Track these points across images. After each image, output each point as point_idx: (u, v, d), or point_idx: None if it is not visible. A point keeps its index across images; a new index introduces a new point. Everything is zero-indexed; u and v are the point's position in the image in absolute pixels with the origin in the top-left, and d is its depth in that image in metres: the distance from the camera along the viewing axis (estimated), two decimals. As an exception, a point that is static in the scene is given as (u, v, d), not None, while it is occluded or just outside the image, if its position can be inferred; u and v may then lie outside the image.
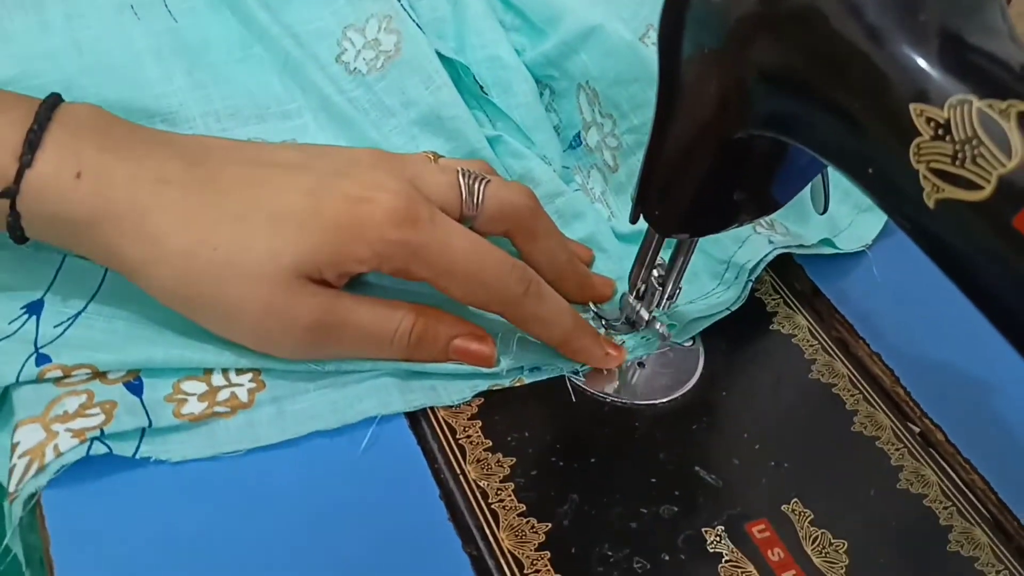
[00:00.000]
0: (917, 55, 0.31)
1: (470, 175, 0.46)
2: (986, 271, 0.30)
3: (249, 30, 0.57)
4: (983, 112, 0.29)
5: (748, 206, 0.43)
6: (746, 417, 0.48)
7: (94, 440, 0.39)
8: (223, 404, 0.43)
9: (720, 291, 0.53)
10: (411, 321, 0.44)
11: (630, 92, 0.55)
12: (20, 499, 0.37)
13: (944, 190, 0.30)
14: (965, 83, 0.30)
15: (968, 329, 0.32)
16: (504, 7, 0.60)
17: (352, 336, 0.43)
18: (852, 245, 0.57)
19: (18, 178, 0.38)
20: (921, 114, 0.30)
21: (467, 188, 0.45)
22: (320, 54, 0.57)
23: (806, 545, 0.43)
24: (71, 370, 0.41)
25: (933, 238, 0.31)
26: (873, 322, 0.53)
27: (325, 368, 0.44)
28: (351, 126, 0.55)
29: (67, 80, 0.50)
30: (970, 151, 0.29)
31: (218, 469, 0.41)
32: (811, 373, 0.50)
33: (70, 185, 0.38)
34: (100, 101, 0.43)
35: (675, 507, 0.43)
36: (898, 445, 0.47)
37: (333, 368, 0.45)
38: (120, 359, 0.42)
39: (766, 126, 0.36)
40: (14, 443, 0.39)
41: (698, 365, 0.50)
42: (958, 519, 0.45)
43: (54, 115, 0.39)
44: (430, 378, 0.46)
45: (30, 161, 0.38)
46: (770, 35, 0.34)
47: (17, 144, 0.38)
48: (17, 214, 0.38)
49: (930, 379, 0.50)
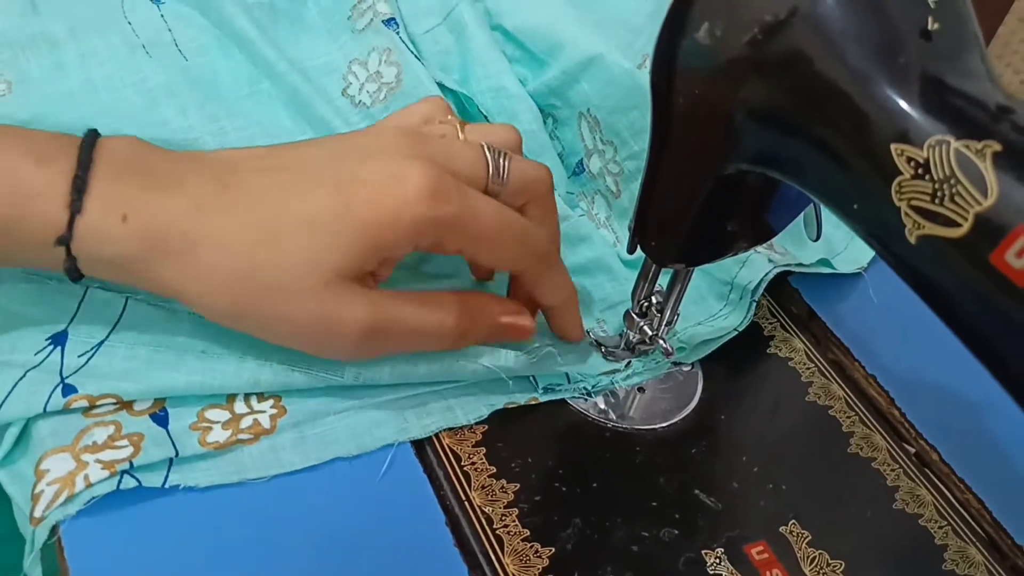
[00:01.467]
0: (898, 97, 0.32)
1: (495, 151, 0.46)
2: (966, 305, 0.31)
3: (257, 66, 0.58)
4: (960, 152, 0.30)
5: (742, 236, 0.44)
6: (744, 440, 0.49)
7: (124, 473, 0.41)
8: (246, 431, 0.44)
9: (726, 312, 0.54)
10: (456, 312, 0.45)
11: (630, 119, 0.57)
12: (46, 525, 0.39)
13: (925, 227, 0.31)
14: (943, 124, 0.31)
15: (961, 350, 0.33)
16: (505, 39, 0.62)
17: (401, 333, 0.44)
18: (848, 267, 0.58)
19: (70, 225, 0.39)
20: (902, 154, 0.31)
21: (493, 163, 0.46)
22: (327, 88, 0.59)
23: (804, 566, 0.44)
24: (96, 400, 0.43)
25: (916, 272, 0.32)
26: (869, 344, 0.54)
27: (344, 376, 0.46)
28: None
29: (86, 119, 0.52)
30: (948, 190, 0.30)
31: (237, 496, 0.42)
32: (808, 396, 0.51)
33: (118, 228, 0.40)
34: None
35: (675, 530, 0.44)
36: (894, 466, 0.48)
37: (352, 378, 0.46)
38: (142, 388, 0.43)
39: (755, 163, 0.37)
40: (42, 470, 0.40)
41: (697, 389, 0.51)
42: (953, 538, 0.46)
43: (95, 156, 0.40)
44: (446, 398, 0.47)
45: (80, 208, 0.39)
46: (758, 77, 0.35)
47: (65, 192, 0.39)
48: (73, 258, 0.40)
49: (925, 400, 0.51)
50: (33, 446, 0.42)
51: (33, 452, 0.41)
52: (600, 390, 0.50)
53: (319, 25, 0.61)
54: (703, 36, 0.36)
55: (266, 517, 0.42)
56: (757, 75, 0.35)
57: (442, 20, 0.62)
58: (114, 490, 0.40)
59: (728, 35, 0.35)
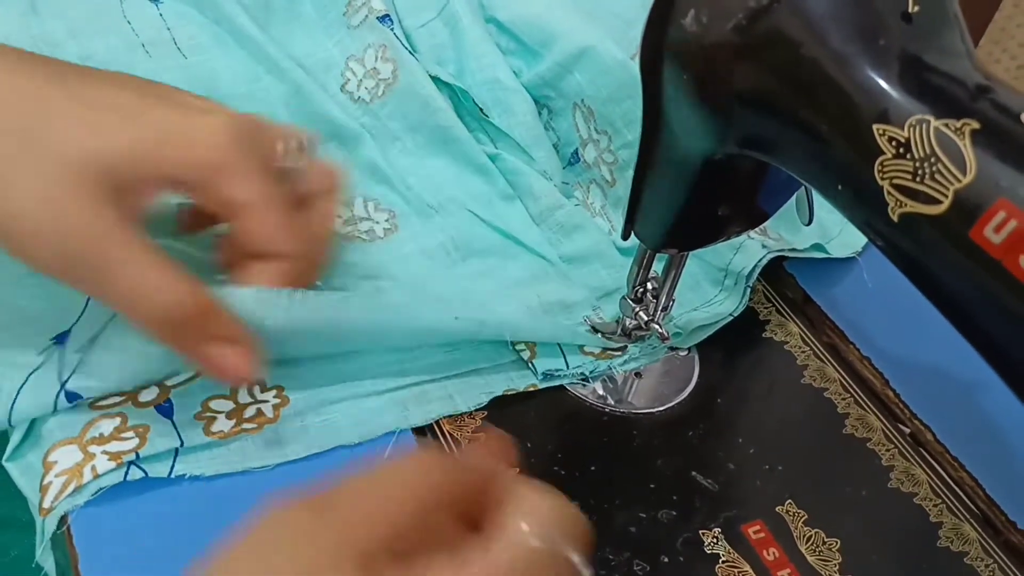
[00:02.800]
0: (879, 78, 0.32)
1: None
2: (949, 281, 0.32)
3: (258, 62, 0.59)
4: (940, 131, 0.31)
5: (735, 220, 0.44)
6: (741, 423, 0.50)
7: (130, 464, 0.42)
8: (250, 421, 0.45)
9: (722, 298, 0.55)
10: (187, 298, 0.39)
11: (623, 109, 0.57)
12: (55, 515, 0.40)
13: (907, 205, 0.31)
14: (923, 103, 0.31)
15: (954, 332, 0.34)
16: (499, 31, 0.63)
17: (113, 281, 0.38)
18: (842, 252, 0.58)
19: None
20: (884, 133, 0.32)
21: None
22: (327, 84, 0.59)
23: (800, 544, 0.44)
24: (99, 400, 0.43)
25: (899, 250, 0.33)
26: (863, 327, 0.54)
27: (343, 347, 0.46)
28: (358, 146, 0.57)
29: None
30: (928, 168, 0.31)
31: (241, 485, 0.43)
32: (803, 378, 0.52)
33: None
34: None
35: (673, 511, 0.45)
36: (889, 446, 0.49)
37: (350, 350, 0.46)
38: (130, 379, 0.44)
39: (743, 146, 0.38)
40: (50, 461, 0.41)
41: (694, 374, 0.52)
42: (948, 515, 0.46)
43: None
44: (446, 387, 0.48)
45: None
46: (743, 61, 0.35)
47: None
48: None
49: (919, 381, 0.52)
50: (41, 439, 0.42)
51: (41, 445, 0.42)
52: (598, 375, 0.51)
53: (314, 21, 0.62)
54: (689, 23, 0.36)
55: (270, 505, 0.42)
56: (743, 60, 0.35)
57: (437, 14, 0.63)
58: (121, 481, 0.41)
59: (714, 21, 0.36)
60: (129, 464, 0.42)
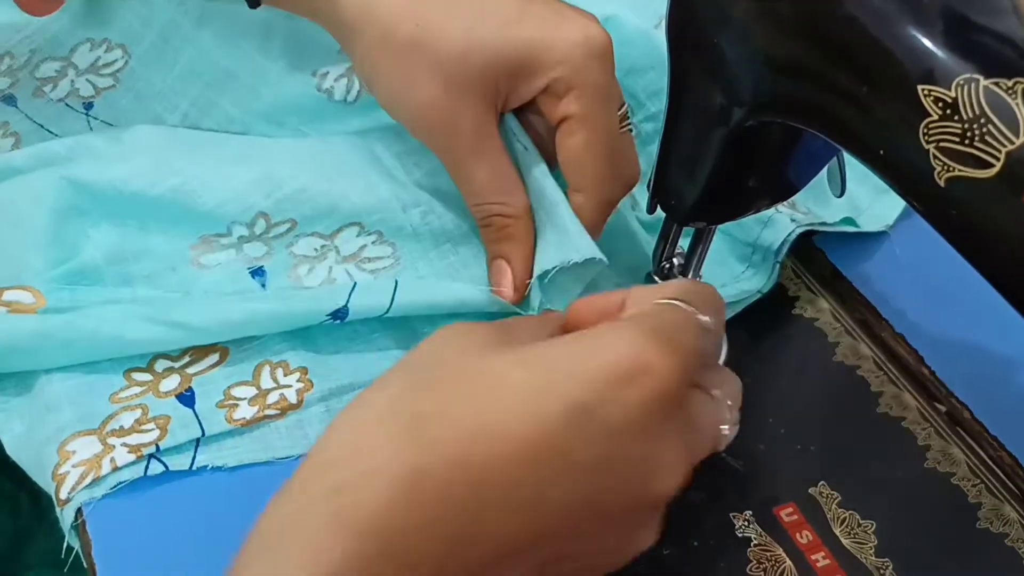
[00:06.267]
0: (923, 36, 0.31)
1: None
2: (997, 247, 0.30)
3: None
4: (990, 90, 0.29)
5: (763, 192, 0.43)
6: (771, 402, 0.48)
7: (151, 457, 0.41)
8: (273, 407, 0.44)
9: (749, 274, 0.53)
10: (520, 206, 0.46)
11: (646, 80, 0.56)
12: (72, 506, 0.39)
13: (954, 169, 0.30)
14: (971, 62, 0.30)
15: (991, 306, 0.32)
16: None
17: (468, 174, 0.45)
18: (874, 226, 0.57)
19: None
20: (929, 94, 0.30)
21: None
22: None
23: (834, 527, 0.43)
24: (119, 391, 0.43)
25: (945, 217, 0.31)
26: (896, 303, 0.53)
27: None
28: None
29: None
30: (978, 129, 0.29)
31: (265, 475, 0.42)
32: (835, 356, 0.51)
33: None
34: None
35: (703, 493, 0.44)
36: (924, 425, 0.47)
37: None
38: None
39: (776, 112, 0.36)
40: (68, 451, 0.40)
41: (722, 352, 0.50)
42: (987, 496, 0.45)
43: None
44: None
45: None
46: (777, 23, 0.34)
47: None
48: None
49: (955, 358, 0.50)
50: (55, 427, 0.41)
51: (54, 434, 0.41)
52: None
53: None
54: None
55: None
56: (776, 22, 0.34)
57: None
58: (141, 476, 0.40)
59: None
60: (149, 457, 0.41)
